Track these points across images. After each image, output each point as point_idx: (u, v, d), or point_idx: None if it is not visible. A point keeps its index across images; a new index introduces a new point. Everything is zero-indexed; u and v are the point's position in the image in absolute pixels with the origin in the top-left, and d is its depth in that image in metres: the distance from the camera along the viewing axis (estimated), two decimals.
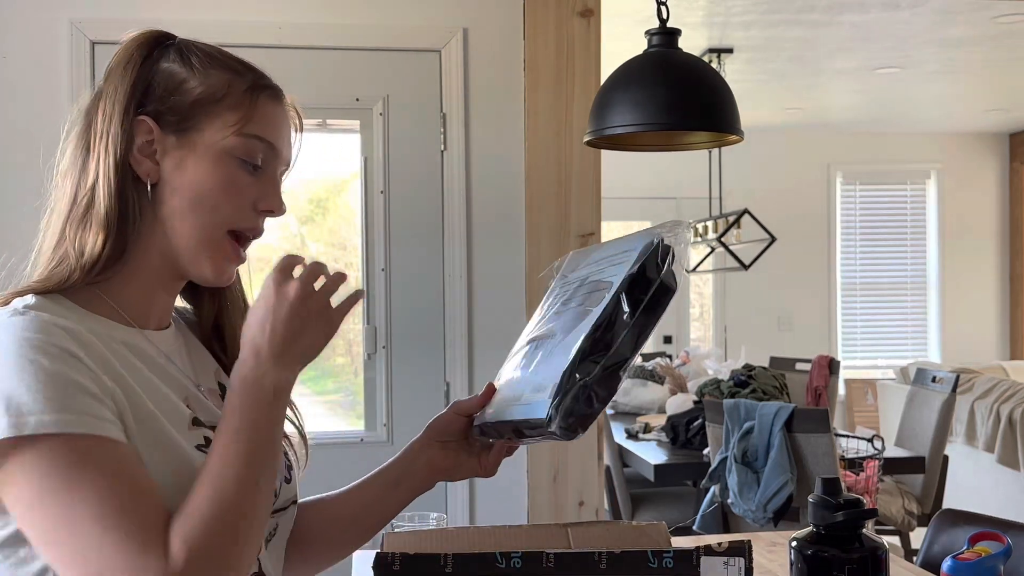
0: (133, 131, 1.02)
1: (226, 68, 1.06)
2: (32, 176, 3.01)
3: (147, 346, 1.04)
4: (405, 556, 0.91)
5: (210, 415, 1.05)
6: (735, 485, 3.30)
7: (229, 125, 1.03)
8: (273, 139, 1.06)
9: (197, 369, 1.12)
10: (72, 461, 0.89)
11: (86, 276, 1.01)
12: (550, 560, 0.91)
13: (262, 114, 1.05)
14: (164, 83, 1.04)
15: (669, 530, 1.05)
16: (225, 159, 1.03)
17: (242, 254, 1.08)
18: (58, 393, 0.89)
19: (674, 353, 6.63)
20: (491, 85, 2.94)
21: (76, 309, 1.00)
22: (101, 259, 1.01)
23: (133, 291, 1.05)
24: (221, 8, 2.84)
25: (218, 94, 1.04)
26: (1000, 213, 8.02)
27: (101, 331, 0.99)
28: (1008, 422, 4.87)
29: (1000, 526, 1.66)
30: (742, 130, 2.03)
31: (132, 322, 1.04)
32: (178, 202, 1.03)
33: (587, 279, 1.07)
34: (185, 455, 0.98)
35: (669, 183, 7.35)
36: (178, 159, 1.03)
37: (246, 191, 1.04)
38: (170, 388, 1.03)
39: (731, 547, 0.92)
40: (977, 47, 5.28)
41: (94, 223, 1.01)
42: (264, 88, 1.07)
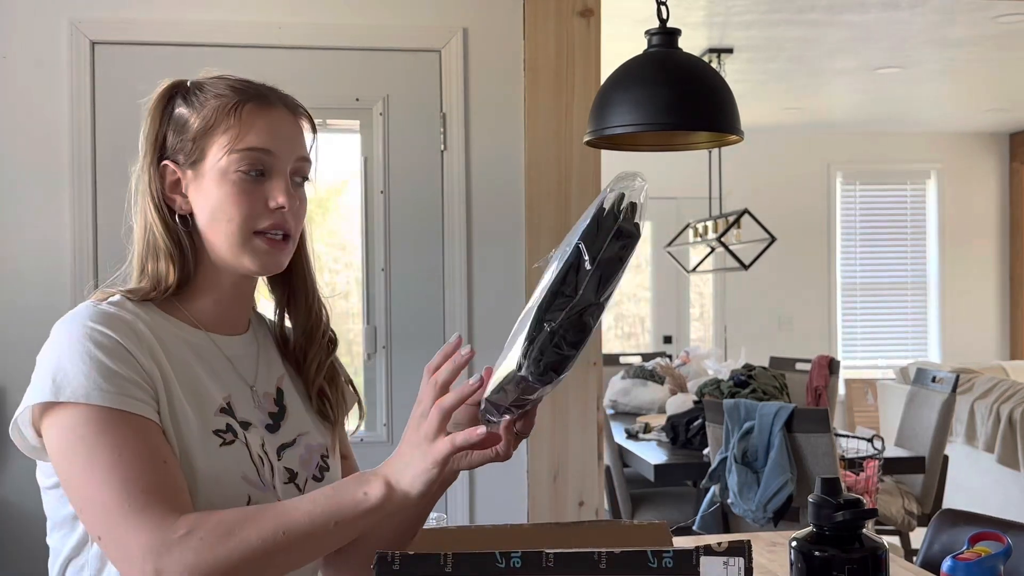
0: (162, 176, 1.21)
1: (217, 96, 1.20)
2: (32, 175, 3.03)
3: (208, 345, 1.21)
4: (405, 555, 0.91)
5: (248, 413, 1.21)
6: (735, 485, 3.30)
7: (223, 146, 1.17)
8: (266, 144, 1.18)
9: (260, 375, 1.26)
10: (96, 428, 1.06)
11: (164, 294, 1.20)
12: (550, 560, 0.91)
13: (249, 126, 1.18)
14: (175, 128, 1.21)
15: (670, 530, 1.05)
16: (227, 175, 1.17)
17: (279, 245, 1.19)
18: (98, 374, 1.07)
19: (674, 353, 6.63)
20: (491, 85, 2.93)
21: (155, 312, 1.19)
22: (174, 283, 1.20)
23: (205, 302, 1.23)
24: (221, 8, 2.84)
25: (210, 122, 1.18)
26: (1000, 213, 8.02)
27: (166, 327, 1.18)
28: (1008, 422, 4.87)
29: (1000, 526, 1.66)
30: (742, 130, 2.03)
31: (201, 326, 1.21)
32: (206, 221, 1.19)
33: (561, 249, 1.08)
34: (191, 435, 1.12)
35: (669, 183, 7.35)
36: (197, 187, 1.19)
37: (254, 196, 1.17)
38: (214, 379, 1.19)
39: (731, 547, 0.92)
40: (977, 47, 5.28)
41: (162, 256, 1.20)
42: (246, 102, 1.19)
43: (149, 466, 1.06)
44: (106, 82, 2.79)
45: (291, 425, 1.25)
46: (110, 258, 2.73)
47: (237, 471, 1.15)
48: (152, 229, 1.21)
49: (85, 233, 2.76)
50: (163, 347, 1.15)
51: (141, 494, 1.04)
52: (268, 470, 1.18)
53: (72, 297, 2.74)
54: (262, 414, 1.22)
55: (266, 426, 1.22)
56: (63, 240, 2.76)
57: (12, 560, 2.73)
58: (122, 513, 1.03)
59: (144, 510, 1.03)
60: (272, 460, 1.20)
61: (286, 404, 1.26)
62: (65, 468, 1.08)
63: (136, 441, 1.07)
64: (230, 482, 1.14)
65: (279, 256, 1.20)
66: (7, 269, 2.76)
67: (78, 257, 2.75)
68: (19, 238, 2.77)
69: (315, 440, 1.27)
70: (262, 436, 1.21)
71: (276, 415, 1.24)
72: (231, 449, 1.15)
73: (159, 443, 1.09)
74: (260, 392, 1.24)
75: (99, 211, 2.78)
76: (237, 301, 1.25)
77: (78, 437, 1.06)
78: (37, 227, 2.77)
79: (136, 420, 1.08)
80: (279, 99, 1.23)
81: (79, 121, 2.76)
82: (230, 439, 1.16)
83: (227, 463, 1.14)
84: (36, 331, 2.74)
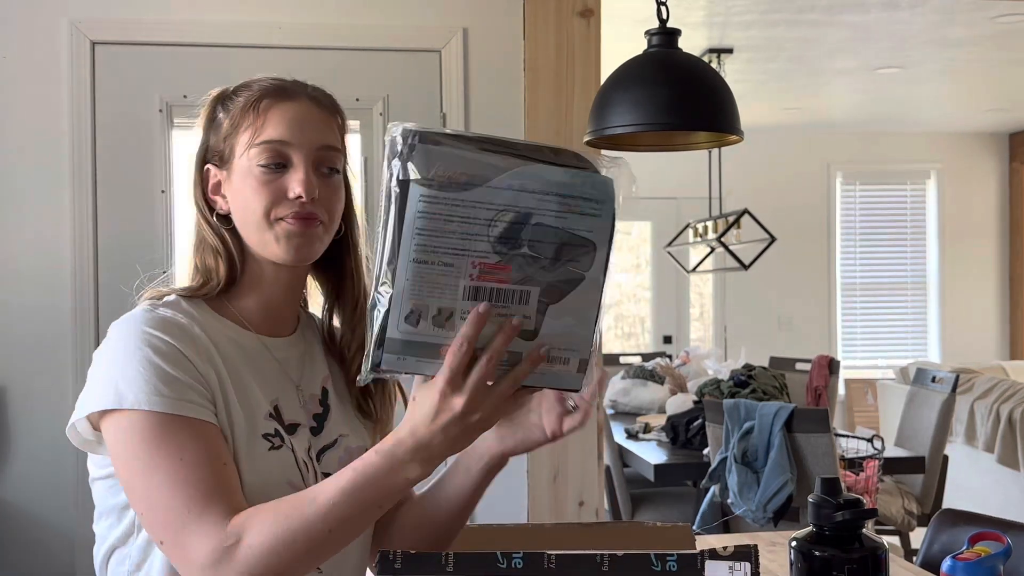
0: (205, 179, 1.26)
1: (243, 97, 1.23)
2: (32, 175, 3.03)
3: (259, 348, 1.24)
4: (407, 554, 0.91)
5: (295, 414, 1.24)
6: (735, 485, 3.30)
7: (245, 143, 1.21)
8: (283, 135, 1.20)
9: (306, 375, 1.28)
10: (157, 434, 1.09)
11: (217, 289, 1.23)
12: (551, 561, 0.91)
13: (267, 120, 1.21)
14: (215, 133, 1.25)
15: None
16: (250, 170, 1.20)
17: (304, 224, 1.19)
18: (157, 379, 1.10)
19: (674, 353, 6.63)
20: (491, 85, 2.94)
21: (207, 311, 1.22)
22: (224, 278, 1.23)
23: (253, 302, 1.26)
24: (221, 8, 2.84)
25: (236, 122, 1.22)
26: (1000, 213, 8.02)
27: (219, 329, 1.21)
28: (1008, 422, 4.87)
29: (1000, 526, 1.66)
30: (742, 130, 2.03)
31: (250, 327, 1.25)
32: (238, 216, 1.23)
33: (531, 219, 0.97)
34: (241, 438, 1.16)
35: (669, 183, 7.34)
36: (229, 186, 1.23)
37: (274, 187, 1.19)
38: (263, 383, 1.22)
39: (737, 551, 0.91)
40: (977, 47, 5.28)
41: (209, 252, 1.24)
42: (263, 98, 1.22)
43: (209, 470, 1.08)
44: (106, 82, 2.79)
45: (333, 426, 1.27)
46: (110, 258, 2.80)
47: (283, 476, 1.17)
48: (201, 229, 1.25)
49: (85, 233, 2.76)
50: (217, 349, 1.18)
51: (202, 498, 1.06)
52: (312, 475, 1.21)
53: (72, 297, 2.74)
54: (308, 416, 1.25)
55: (311, 428, 1.25)
56: (63, 240, 2.76)
57: (12, 560, 2.73)
58: (182, 521, 1.06)
59: (203, 515, 1.05)
60: (314, 465, 1.22)
61: (330, 404, 1.29)
62: (126, 473, 1.11)
63: (196, 445, 1.09)
64: (276, 486, 1.15)
65: (307, 240, 1.20)
66: (7, 269, 2.76)
67: (78, 257, 2.75)
68: (19, 238, 2.77)
69: (354, 443, 1.28)
70: (308, 439, 1.23)
71: (320, 416, 1.27)
72: (278, 454, 1.18)
73: (218, 445, 1.12)
74: (306, 393, 1.27)
75: (99, 211, 2.78)
76: (284, 300, 1.28)
77: (140, 443, 1.09)
78: (37, 227, 2.77)
79: (196, 424, 1.10)
80: (303, 92, 1.26)
81: (79, 121, 2.76)
82: (278, 444, 1.19)
83: (273, 467, 1.17)
84: (36, 331, 2.75)
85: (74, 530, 2.71)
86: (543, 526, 1.05)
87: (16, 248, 2.76)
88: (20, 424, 2.69)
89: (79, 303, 2.75)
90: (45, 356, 2.73)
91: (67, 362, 2.73)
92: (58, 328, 2.74)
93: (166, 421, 1.09)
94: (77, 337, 2.73)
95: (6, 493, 2.71)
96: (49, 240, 2.76)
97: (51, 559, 2.73)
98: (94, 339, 2.72)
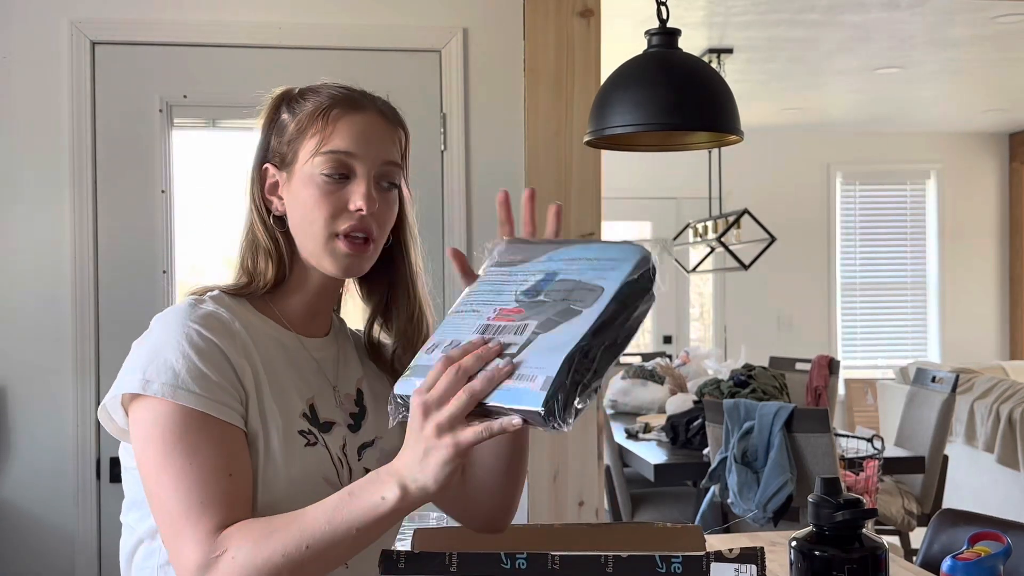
0: (263, 179, 1.26)
1: (311, 102, 1.25)
2: (32, 175, 3.03)
3: (298, 347, 1.26)
4: (410, 554, 0.91)
5: (331, 413, 1.25)
6: (735, 485, 3.30)
7: (311, 150, 1.22)
8: (349, 147, 1.22)
9: (340, 375, 1.30)
10: (177, 428, 1.10)
11: (262, 290, 1.25)
12: (555, 562, 0.91)
13: (335, 129, 1.22)
14: (278, 134, 1.26)
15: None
16: (313, 178, 1.21)
17: (360, 248, 1.22)
18: (188, 374, 1.11)
19: (674, 353, 6.63)
20: (491, 85, 2.93)
21: (249, 308, 1.24)
22: (271, 280, 1.25)
23: (295, 303, 1.28)
24: (221, 8, 2.84)
25: (302, 127, 1.23)
26: (1000, 213, 8.02)
27: (260, 327, 1.23)
28: (1008, 422, 4.87)
29: (1000, 526, 1.66)
30: (742, 130, 2.03)
31: (290, 327, 1.27)
32: (295, 222, 1.24)
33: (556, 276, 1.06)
34: (277, 433, 1.17)
35: (669, 183, 7.35)
36: (289, 189, 1.24)
37: (335, 198, 1.21)
38: (300, 380, 1.24)
39: (743, 554, 0.90)
40: (977, 47, 5.28)
41: (261, 253, 1.25)
42: (333, 107, 1.23)
43: (214, 479, 1.09)
44: (106, 82, 2.79)
45: (370, 426, 1.29)
46: (110, 258, 2.81)
47: (319, 472, 1.19)
48: (254, 228, 1.26)
49: (85, 233, 2.76)
50: (256, 347, 1.20)
51: (199, 505, 1.08)
52: (347, 473, 1.22)
53: (72, 297, 2.74)
54: (344, 414, 1.27)
55: (348, 426, 1.27)
56: (63, 240, 2.76)
57: (12, 560, 2.73)
58: (179, 525, 1.08)
59: (197, 524, 1.07)
60: (351, 462, 1.24)
61: (366, 405, 1.31)
62: (142, 461, 1.12)
63: (210, 448, 1.10)
64: (312, 482, 1.17)
65: (359, 260, 1.23)
66: (7, 269, 2.76)
67: (78, 257, 2.75)
68: (19, 238, 2.76)
69: (390, 444, 1.28)
70: (344, 436, 1.25)
71: (357, 415, 1.29)
72: (314, 450, 1.20)
73: (234, 452, 1.13)
74: (342, 393, 1.29)
75: (99, 211, 2.78)
76: (324, 303, 1.30)
77: (158, 434, 1.10)
78: (37, 227, 2.77)
79: (217, 425, 1.12)
80: (372, 104, 1.27)
81: (79, 121, 2.76)
82: (313, 440, 1.20)
83: (310, 464, 1.19)
84: (36, 331, 2.75)
85: (74, 530, 2.71)
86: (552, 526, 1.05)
87: (16, 248, 2.76)
88: (20, 424, 2.69)
89: (79, 303, 2.74)
90: (45, 356, 2.73)
91: (67, 362, 2.72)
92: (58, 328, 2.74)
93: (188, 416, 1.10)
94: (77, 337, 2.73)
95: (6, 493, 2.71)
96: (49, 240, 2.76)
97: (51, 559, 2.73)
98: (94, 339, 2.72)
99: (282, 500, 1.14)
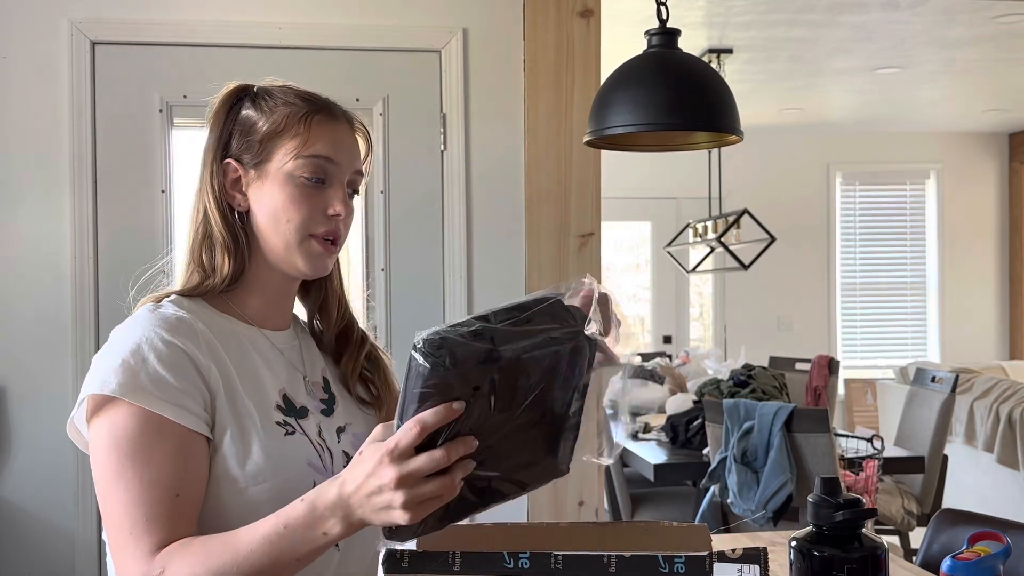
0: (224, 173, 1.26)
1: (287, 104, 1.26)
2: (32, 175, 3.03)
3: (263, 341, 1.27)
4: (414, 553, 0.91)
5: (304, 399, 1.27)
6: (735, 485, 3.30)
7: (290, 152, 1.23)
8: (331, 154, 1.24)
9: (307, 364, 1.32)
10: (132, 436, 1.10)
11: (219, 287, 1.25)
12: (558, 561, 0.91)
13: (317, 135, 1.24)
14: (242, 129, 1.26)
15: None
16: (291, 179, 1.23)
17: (330, 249, 1.26)
18: (146, 376, 1.11)
19: (674, 353, 6.62)
20: (491, 85, 2.93)
21: (207, 308, 1.24)
22: (229, 275, 1.24)
23: (255, 299, 1.28)
24: (221, 8, 2.84)
25: (279, 127, 1.24)
26: (1000, 213, 8.02)
27: (223, 324, 1.23)
28: (1007, 422, 4.87)
29: (1000, 526, 1.66)
30: (742, 130, 2.03)
31: (253, 322, 1.27)
32: (265, 220, 1.24)
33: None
34: (254, 427, 1.17)
35: (669, 183, 7.35)
36: (258, 187, 1.25)
37: (313, 202, 1.23)
38: (270, 372, 1.24)
39: (746, 554, 0.90)
40: (977, 47, 5.28)
41: (218, 248, 1.25)
42: (316, 112, 1.25)
43: (164, 494, 1.09)
44: (106, 82, 2.79)
45: (340, 412, 1.31)
46: (110, 258, 2.82)
47: (303, 458, 1.20)
48: (210, 221, 1.25)
49: (85, 233, 2.76)
50: (222, 343, 1.20)
51: (144, 523, 1.08)
52: (328, 456, 1.24)
53: (72, 297, 2.74)
54: (316, 400, 1.29)
55: (321, 411, 1.28)
56: (63, 240, 2.76)
57: (12, 560, 2.73)
58: (123, 539, 1.09)
59: (140, 540, 1.08)
60: (330, 445, 1.25)
61: (334, 392, 1.33)
62: (96, 472, 1.12)
63: (164, 459, 1.10)
64: (297, 468, 1.19)
65: (328, 260, 1.27)
66: (7, 269, 2.76)
67: (78, 257, 2.75)
68: (19, 238, 2.76)
69: (359, 429, 1.31)
70: (318, 422, 1.26)
71: (328, 401, 1.31)
72: (294, 438, 1.21)
73: (189, 463, 1.12)
74: (311, 381, 1.31)
75: (99, 211, 2.78)
76: (283, 299, 1.32)
77: (114, 442, 1.10)
78: (37, 227, 2.77)
79: (174, 431, 1.11)
80: (342, 113, 1.30)
81: (79, 121, 2.76)
82: (291, 430, 1.21)
83: (293, 451, 1.20)
84: (36, 331, 2.75)
85: (74, 530, 2.71)
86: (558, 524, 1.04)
87: (16, 248, 2.76)
88: (20, 424, 2.69)
89: (79, 303, 2.74)
90: (45, 356, 2.73)
91: (67, 362, 2.73)
92: (58, 328, 2.74)
93: (145, 419, 1.10)
94: (77, 337, 2.73)
95: (6, 493, 2.71)
96: (49, 240, 2.76)
97: (51, 559, 2.73)
98: (94, 339, 2.72)
99: (269, 490, 1.15)
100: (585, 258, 2.95)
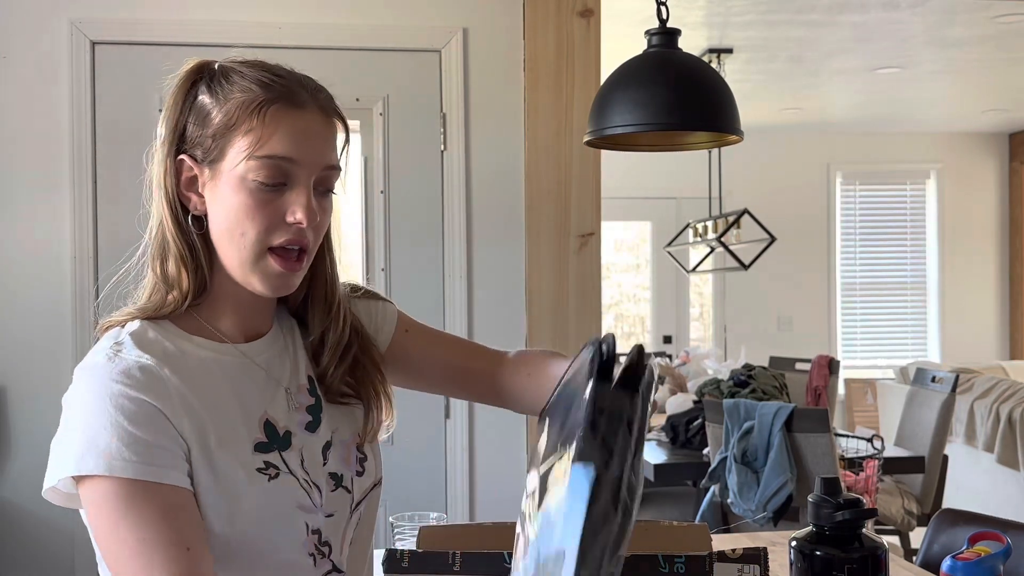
0: (178, 171, 1.09)
1: (243, 91, 1.08)
2: (32, 175, 3.03)
3: (239, 360, 1.13)
4: (414, 553, 0.91)
5: (287, 420, 1.13)
6: (735, 485, 3.30)
7: (242, 151, 1.06)
8: (290, 152, 1.07)
9: (291, 370, 1.18)
10: (121, 504, 1.00)
11: (180, 305, 1.10)
12: None
13: (273, 130, 1.06)
14: (196, 119, 1.09)
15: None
16: (244, 183, 1.06)
17: (293, 265, 1.09)
18: (120, 442, 1.00)
19: (674, 353, 6.62)
20: (491, 85, 2.93)
21: (175, 332, 1.10)
22: (189, 291, 1.10)
23: (224, 312, 1.13)
24: (221, 8, 2.84)
25: (232, 121, 1.07)
26: (1000, 213, 8.02)
27: (192, 351, 1.09)
28: (1008, 422, 4.87)
29: (1000, 526, 1.66)
30: (742, 130, 2.03)
31: (225, 339, 1.12)
32: (218, 229, 1.09)
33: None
34: (236, 480, 1.06)
35: (669, 183, 7.35)
36: (212, 189, 1.08)
37: (271, 209, 1.07)
38: (249, 401, 1.11)
39: (746, 554, 0.90)
40: (977, 47, 5.28)
41: (171, 259, 1.10)
42: (273, 101, 1.07)
43: (171, 552, 1.00)
44: (106, 82, 2.79)
45: (326, 420, 1.18)
46: (110, 258, 2.76)
47: (291, 502, 1.10)
48: (163, 228, 1.11)
49: (85, 233, 2.76)
50: (192, 383, 1.07)
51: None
52: (316, 492, 1.13)
53: (72, 297, 2.74)
54: (300, 414, 1.15)
55: (306, 426, 1.15)
56: (63, 240, 2.76)
57: (12, 560, 2.73)
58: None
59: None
60: (318, 479, 1.14)
61: (320, 394, 1.19)
62: (99, 546, 1.06)
63: (158, 521, 1.01)
64: (287, 514, 1.10)
65: (290, 278, 1.10)
66: (7, 269, 2.76)
67: (78, 257, 2.75)
68: (19, 238, 2.76)
69: (346, 434, 1.20)
70: (302, 447, 1.14)
71: (314, 408, 1.17)
72: (278, 483, 1.10)
73: (185, 520, 1.02)
74: (293, 389, 1.17)
75: (99, 211, 2.78)
76: (261, 310, 1.17)
77: (103, 514, 1.02)
78: (37, 227, 2.77)
79: (162, 490, 1.02)
80: (311, 98, 1.12)
81: (79, 121, 2.76)
82: (275, 473, 1.10)
83: (279, 497, 1.09)
84: (36, 331, 2.75)
85: (74, 530, 2.71)
86: None
87: (16, 248, 2.76)
88: (20, 424, 2.69)
89: (79, 303, 2.74)
90: (45, 356, 2.73)
91: (67, 362, 2.72)
92: (58, 328, 2.74)
93: (129, 489, 1.00)
94: (77, 337, 2.73)
95: (6, 493, 2.71)
96: (49, 240, 2.76)
97: (51, 559, 2.73)
98: (94, 340, 2.72)
99: (257, 537, 1.08)
100: (585, 258, 2.95)
